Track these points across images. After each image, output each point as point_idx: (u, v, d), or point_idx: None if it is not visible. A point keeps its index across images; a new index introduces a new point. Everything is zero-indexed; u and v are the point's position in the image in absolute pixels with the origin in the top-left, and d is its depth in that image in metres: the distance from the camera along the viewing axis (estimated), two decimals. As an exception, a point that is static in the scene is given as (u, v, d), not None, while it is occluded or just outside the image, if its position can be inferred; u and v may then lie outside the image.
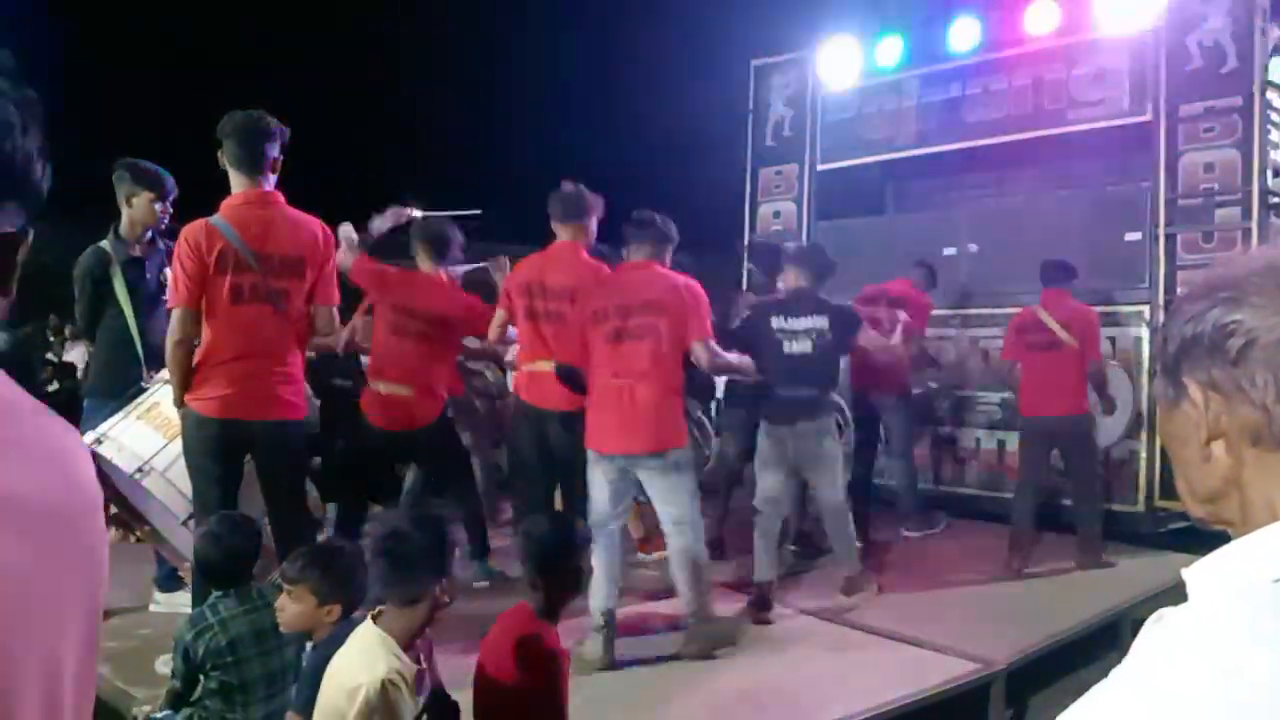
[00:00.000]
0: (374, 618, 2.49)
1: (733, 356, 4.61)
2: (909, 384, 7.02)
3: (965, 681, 4.19)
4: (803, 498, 5.99)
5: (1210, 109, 6.95)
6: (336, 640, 2.61)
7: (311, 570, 2.78)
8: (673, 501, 4.38)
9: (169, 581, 4.65)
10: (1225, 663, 0.81)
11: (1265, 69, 6.92)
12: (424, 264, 5.17)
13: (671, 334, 4.31)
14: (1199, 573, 0.93)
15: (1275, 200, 7.01)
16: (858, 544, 5.52)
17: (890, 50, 8.66)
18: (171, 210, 4.64)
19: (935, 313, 7.41)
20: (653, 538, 5.69)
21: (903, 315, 6.17)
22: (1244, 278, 0.98)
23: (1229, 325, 0.97)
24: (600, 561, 4.02)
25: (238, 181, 3.84)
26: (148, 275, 4.60)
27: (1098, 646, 5.24)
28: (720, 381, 6.52)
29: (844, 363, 5.93)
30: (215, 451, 3.72)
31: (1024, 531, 6.21)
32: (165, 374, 4.17)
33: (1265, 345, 0.94)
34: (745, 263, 9.05)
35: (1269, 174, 6.93)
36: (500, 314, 5.00)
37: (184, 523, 3.79)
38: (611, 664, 4.23)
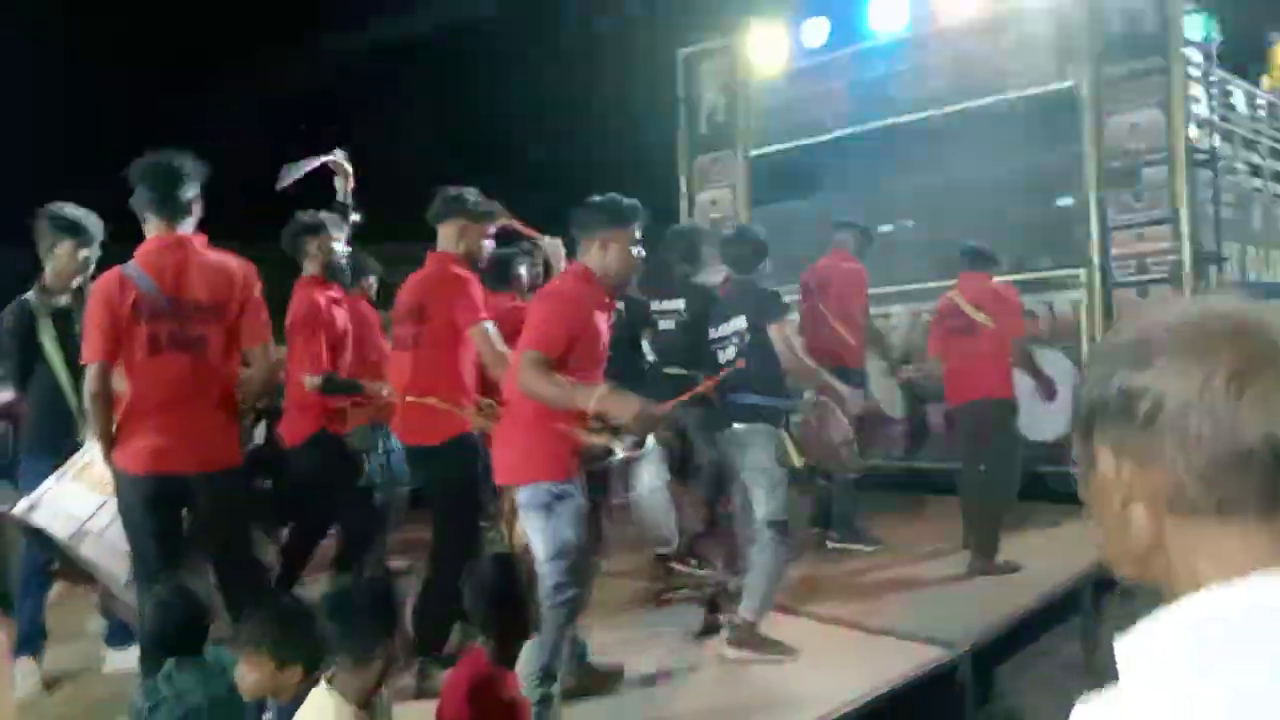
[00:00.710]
0: (327, 680, 2.44)
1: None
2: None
3: (933, 667, 4.22)
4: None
5: (1133, 71, 7.05)
6: (297, 706, 2.56)
7: (267, 633, 2.71)
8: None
9: (119, 636, 4.51)
10: None
11: (1182, 27, 7.04)
12: None
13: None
14: (1128, 650, 0.91)
15: (1200, 157, 7.14)
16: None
17: (816, 32, 8.67)
18: (100, 253, 4.49)
19: (878, 291, 7.34)
20: None
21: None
22: (1150, 340, 0.97)
23: (1135, 389, 0.95)
24: None
25: (152, 226, 3.71)
26: (77, 328, 4.43)
27: (1060, 610, 5.34)
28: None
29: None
30: (150, 508, 3.60)
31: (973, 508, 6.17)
32: None
33: (1172, 411, 0.93)
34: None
35: (1192, 131, 7.06)
36: None
37: (126, 584, 3.69)
38: None
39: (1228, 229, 7.60)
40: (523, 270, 5.42)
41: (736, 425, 4.61)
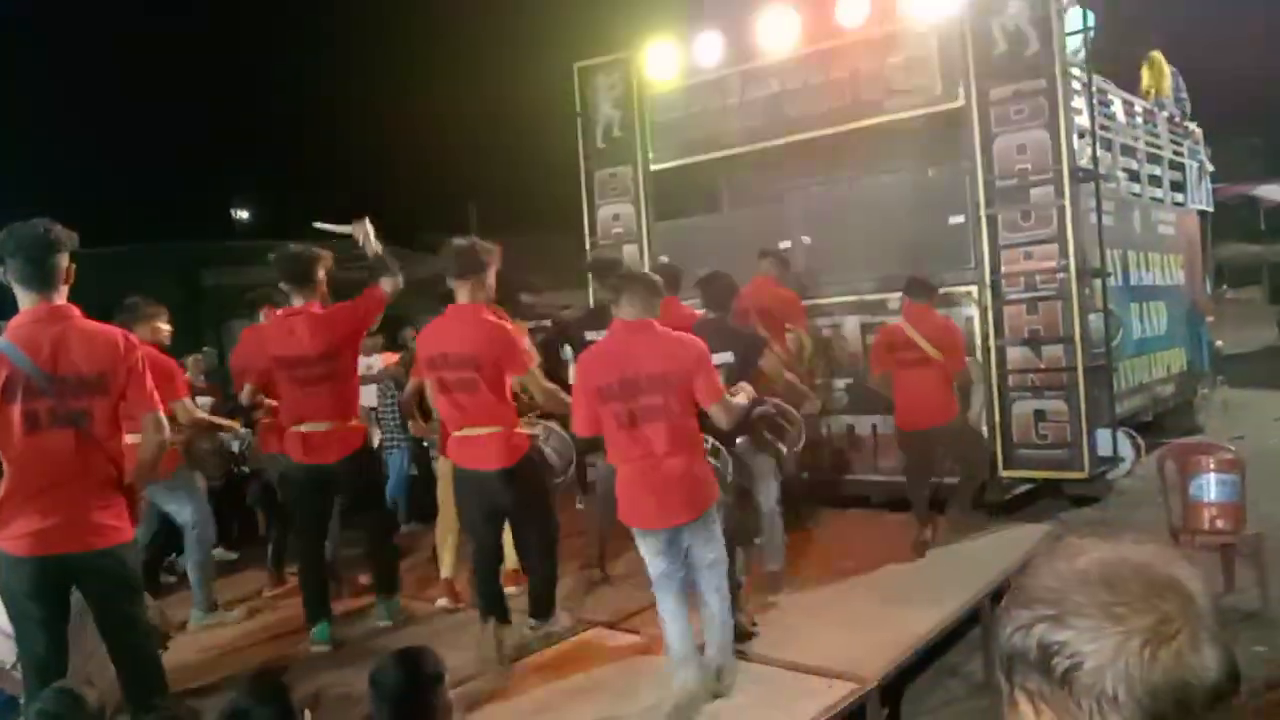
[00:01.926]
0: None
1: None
2: None
3: (844, 706, 4.28)
4: None
5: (1018, 92, 7.23)
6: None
7: None
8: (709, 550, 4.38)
9: (5, 709, 4.32)
10: None
11: (1064, 50, 7.25)
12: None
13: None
14: None
15: (1083, 173, 7.38)
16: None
17: (709, 48, 8.69)
18: None
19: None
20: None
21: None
22: (1068, 594, 0.99)
23: (1053, 646, 0.98)
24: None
25: (26, 298, 3.53)
26: None
27: (960, 625, 5.48)
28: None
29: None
30: (34, 593, 3.44)
31: (923, 515, 6.63)
32: None
33: (1089, 671, 0.95)
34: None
35: (1077, 151, 7.29)
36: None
37: (11, 668, 3.53)
38: None
39: (1109, 236, 7.88)
40: None
41: (740, 439, 5.24)
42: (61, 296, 3.57)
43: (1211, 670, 0.94)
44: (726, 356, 5.13)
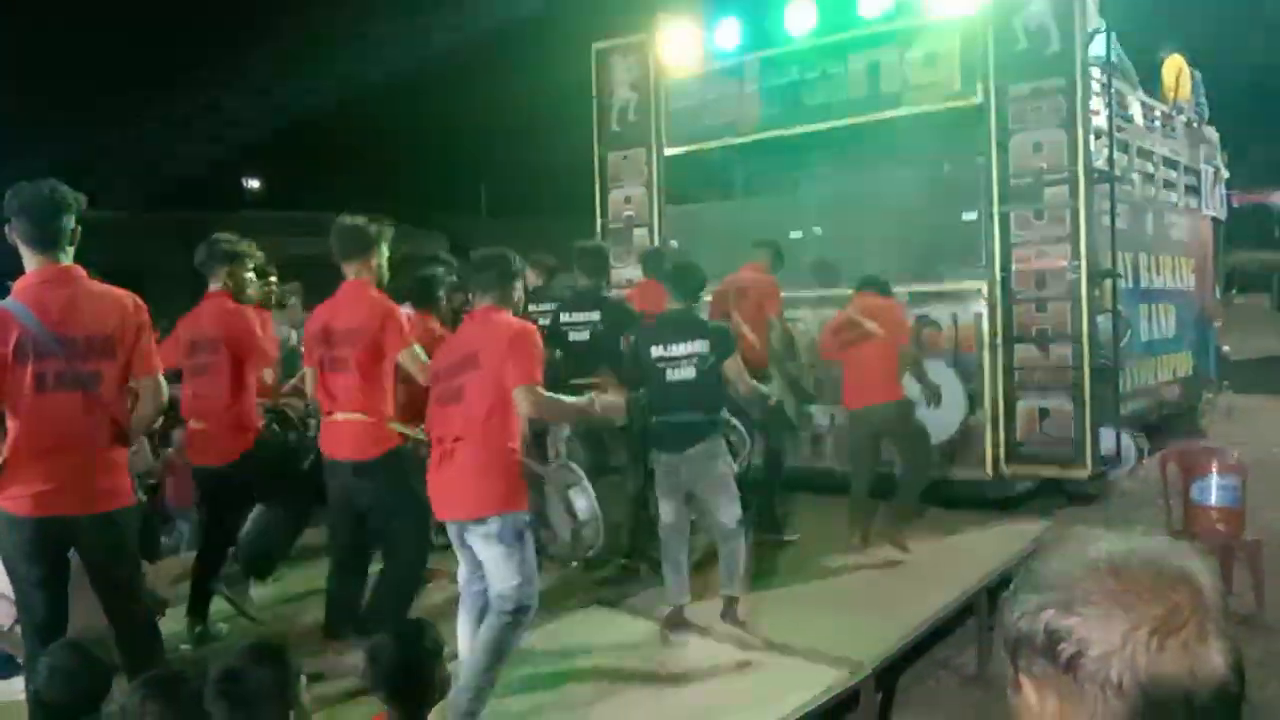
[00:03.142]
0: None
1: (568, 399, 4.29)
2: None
3: (837, 691, 4.31)
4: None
5: (1037, 90, 7.21)
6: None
7: (152, 704, 2.63)
8: (497, 575, 3.91)
9: (4, 667, 4.36)
10: None
11: (1086, 49, 7.23)
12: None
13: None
14: None
15: (1099, 173, 7.36)
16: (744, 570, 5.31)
17: (729, 33, 8.68)
18: None
19: (787, 295, 7.45)
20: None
21: None
22: (1078, 581, 1.00)
23: (1060, 631, 0.98)
24: None
25: (32, 259, 3.53)
26: None
27: (954, 618, 5.52)
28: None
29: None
30: (34, 554, 3.46)
31: (861, 506, 6.50)
32: None
33: (1095, 658, 0.96)
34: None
35: (1093, 152, 7.27)
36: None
37: (10, 629, 3.56)
38: None
39: (1122, 239, 7.87)
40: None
41: (697, 445, 5.07)
42: (68, 258, 3.57)
43: (1218, 664, 0.96)
44: (700, 345, 5.09)
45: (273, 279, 6.12)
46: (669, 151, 9.13)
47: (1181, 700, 0.94)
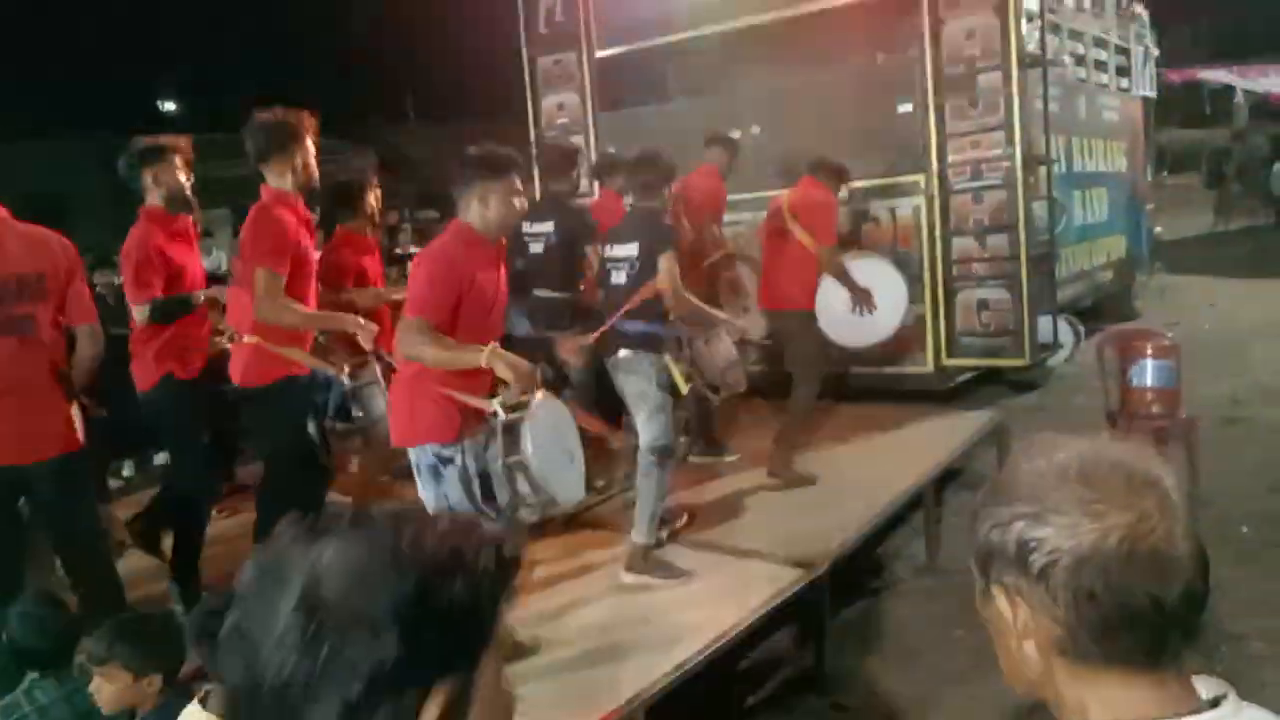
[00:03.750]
0: (200, 700, 2.38)
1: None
2: None
3: (794, 590, 4.40)
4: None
5: (968, -26, 7.11)
6: (164, 713, 2.50)
7: (120, 645, 2.62)
8: None
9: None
10: None
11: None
12: None
13: None
14: None
15: (1031, 57, 7.32)
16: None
17: (656, -73, 8.40)
18: None
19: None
20: None
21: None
22: (1047, 491, 1.00)
23: (1031, 542, 0.99)
24: None
25: None
26: None
27: (903, 510, 5.64)
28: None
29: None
30: None
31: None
32: None
33: (1066, 567, 0.97)
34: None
35: (1025, 37, 7.22)
36: None
37: None
38: None
39: (1055, 123, 7.88)
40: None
41: (622, 352, 4.73)
42: None
43: (1187, 568, 0.97)
44: (630, 249, 4.77)
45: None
46: (600, 54, 8.90)
47: (1150, 604, 0.95)
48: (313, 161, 4.28)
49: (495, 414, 3.43)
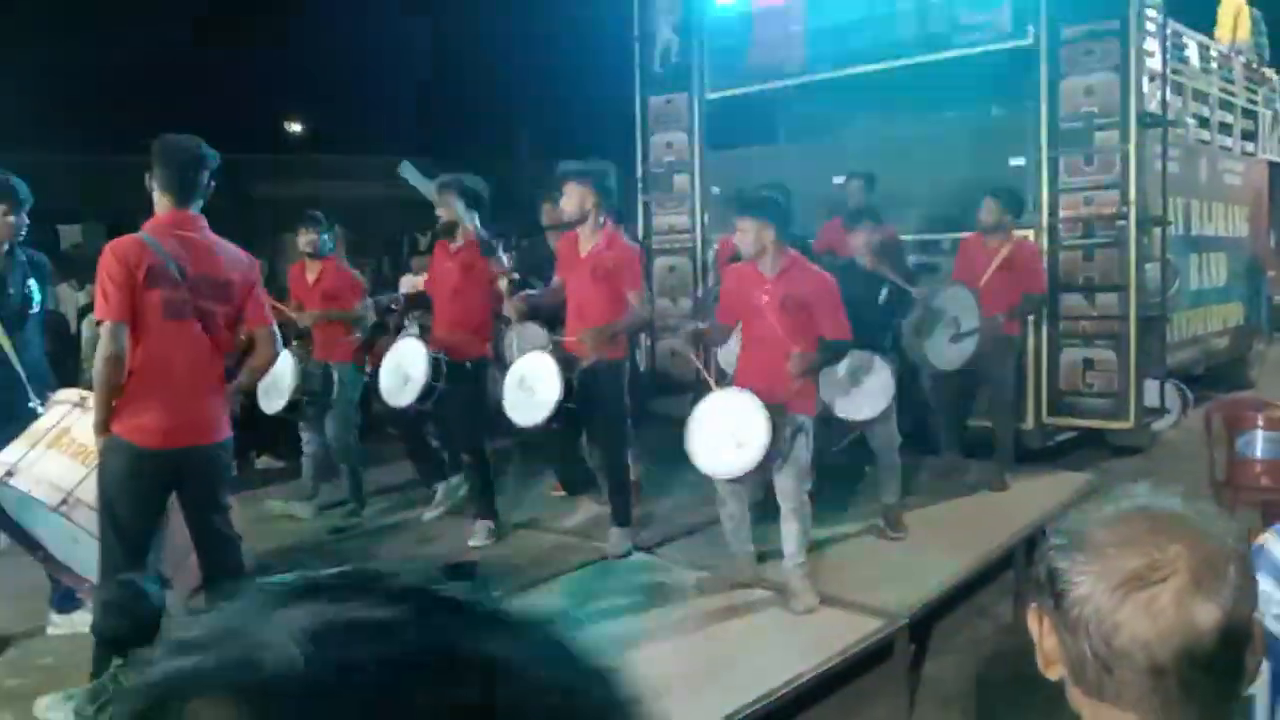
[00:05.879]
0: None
1: None
2: None
3: (872, 640, 4.34)
4: None
5: (1090, 32, 7.03)
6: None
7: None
8: None
9: (66, 602, 4.48)
10: None
11: (1140, -10, 7.02)
12: None
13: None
14: None
15: (1150, 118, 7.19)
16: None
17: (774, -28, 8.51)
18: (29, 221, 4.43)
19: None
20: None
21: None
22: (1084, 531, 1.05)
23: (1056, 571, 1.04)
24: None
25: (165, 204, 3.74)
26: (10, 290, 4.39)
27: (992, 568, 5.52)
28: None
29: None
30: (154, 484, 3.62)
31: None
32: (62, 396, 4.09)
33: (1073, 599, 1.01)
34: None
35: (1146, 95, 7.10)
36: None
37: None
38: None
39: (1173, 184, 7.70)
40: None
41: None
42: (197, 208, 3.79)
43: (1193, 627, 0.96)
44: None
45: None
46: (711, 95, 9.01)
47: (1140, 656, 0.97)
48: None
49: None
